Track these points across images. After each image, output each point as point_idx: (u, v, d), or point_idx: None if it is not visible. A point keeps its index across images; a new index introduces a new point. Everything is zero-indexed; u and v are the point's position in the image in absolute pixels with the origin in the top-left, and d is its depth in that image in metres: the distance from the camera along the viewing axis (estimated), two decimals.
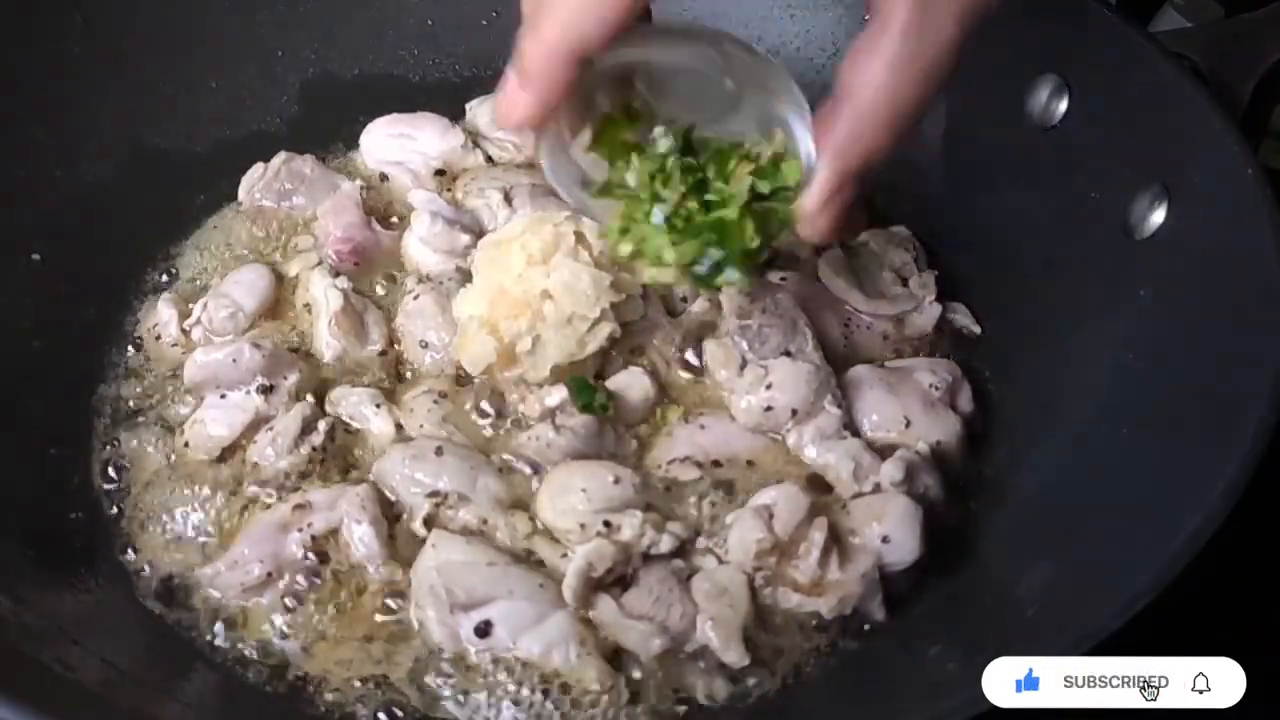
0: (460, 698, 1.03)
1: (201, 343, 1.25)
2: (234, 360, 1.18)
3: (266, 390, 1.19)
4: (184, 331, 1.26)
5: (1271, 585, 1.22)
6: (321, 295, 1.25)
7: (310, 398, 1.20)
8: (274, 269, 1.31)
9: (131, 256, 1.34)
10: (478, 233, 1.31)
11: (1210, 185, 1.15)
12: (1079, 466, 1.12)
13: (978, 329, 1.31)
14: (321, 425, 1.16)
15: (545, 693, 1.02)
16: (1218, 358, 1.06)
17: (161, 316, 1.28)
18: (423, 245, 1.31)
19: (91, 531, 1.15)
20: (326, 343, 1.24)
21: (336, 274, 1.28)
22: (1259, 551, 1.20)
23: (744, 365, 1.19)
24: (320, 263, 1.30)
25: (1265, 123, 1.40)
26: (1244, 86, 1.31)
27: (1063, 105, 1.30)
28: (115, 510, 1.16)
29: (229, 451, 1.17)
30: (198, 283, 1.34)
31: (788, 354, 1.19)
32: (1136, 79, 1.23)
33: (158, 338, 1.27)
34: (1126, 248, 1.21)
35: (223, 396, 1.19)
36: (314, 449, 1.15)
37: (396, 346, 1.26)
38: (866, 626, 1.07)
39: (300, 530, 1.09)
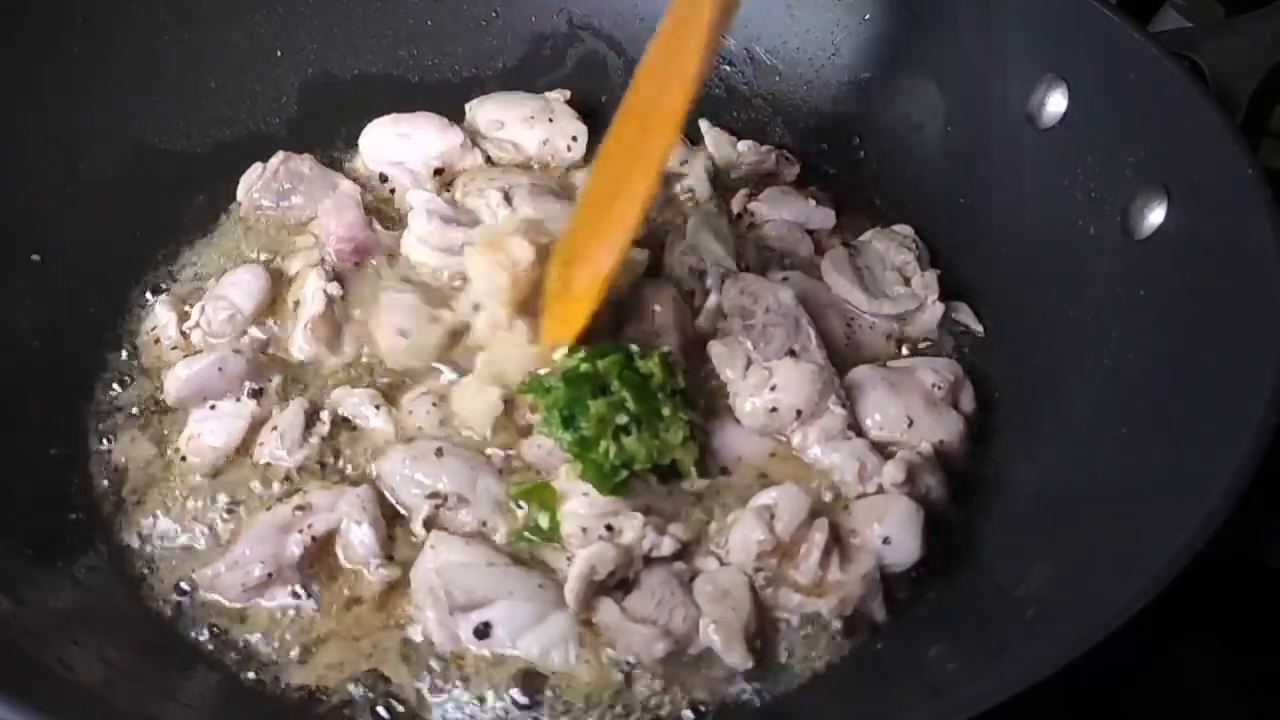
0: (457, 697, 1.03)
1: (201, 345, 1.25)
2: (220, 369, 1.18)
3: (257, 394, 1.19)
4: (183, 334, 1.26)
5: (1271, 585, 1.22)
6: (309, 296, 1.25)
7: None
8: (272, 268, 1.31)
9: (131, 256, 1.34)
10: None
11: (1210, 185, 1.15)
12: (1079, 466, 1.12)
13: (980, 328, 1.31)
14: (324, 415, 1.17)
15: (544, 693, 1.02)
16: (1217, 358, 1.06)
17: (160, 319, 1.28)
18: (421, 244, 1.31)
19: (91, 532, 1.15)
20: (299, 345, 1.24)
21: (335, 276, 1.27)
22: (1259, 551, 1.20)
23: (749, 365, 1.19)
24: (322, 260, 1.29)
25: (1265, 123, 1.40)
26: (1244, 86, 1.31)
27: (1063, 105, 1.30)
28: (115, 511, 1.16)
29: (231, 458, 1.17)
30: (198, 283, 1.33)
31: (792, 353, 1.19)
32: (1136, 79, 1.23)
33: (156, 340, 1.27)
34: (1126, 248, 1.21)
35: (212, 407, 1.18)
36: (323, 439, 1.16)
37: (364, 353, 1.25)
38: (868, 626, 1.07)
39: (300, 531, 1.09)
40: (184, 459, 1.17)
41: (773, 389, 1.15)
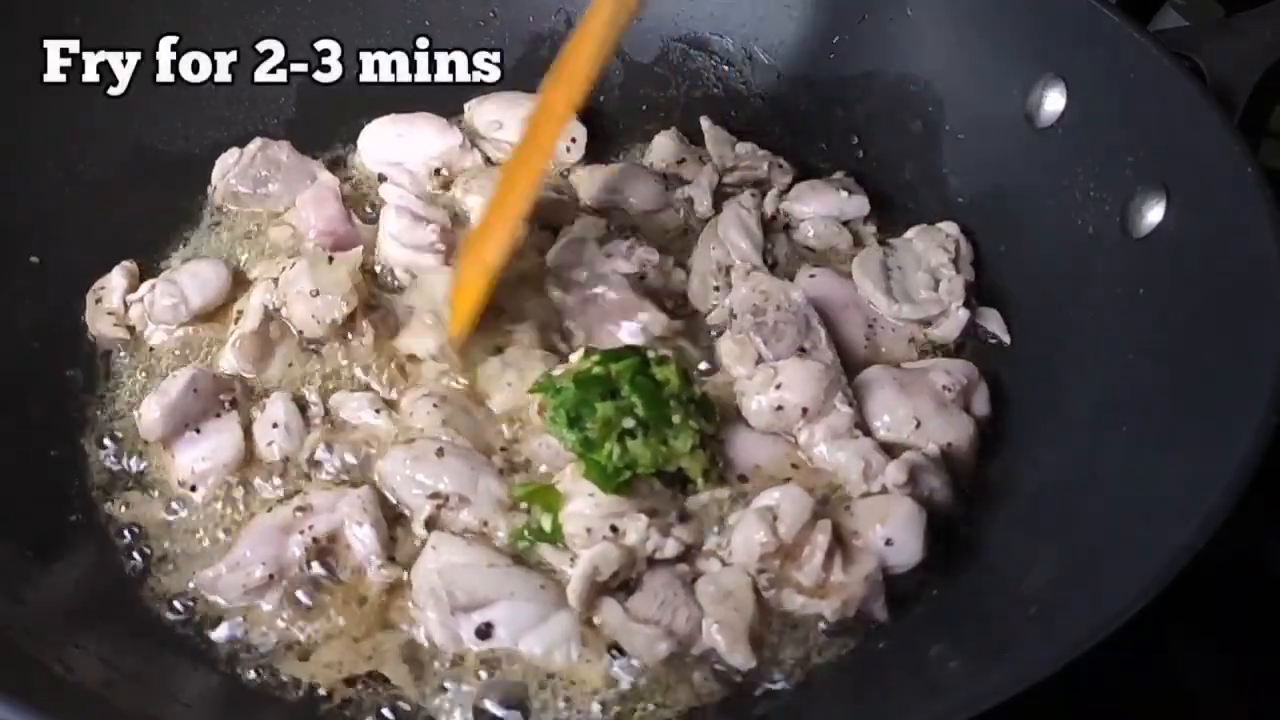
0: (459, 697, 1.03)
1: (137, 323, 1.25)
2: (195, 389, 1.15)
3: (235, 404, 1.18)
4: (125, 304, 1.25)
5: (1271, 585, 1.22)
6: (250, 309, 1.22)
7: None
8: (238, 268, 1.30)
9: (131, 257, 1.33)
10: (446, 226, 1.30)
11: (1210, 185, 1.15)
12: (1080, 466, 1.12)
13: (1008, 338, 1.29)
14: (312, 398, 1.17)
15: (546, 693, 1.02)
16: (1217, 358, 1.06)
17: (112, 281, 1.26)
18: (393, 240, 1.29)
19: (91, 533, 1.14)
20: (226, 356, 1.22)
21: None
22: (1259, 551, 1.20)
23: (759, 362, 1.19)
24: (282, 270, 1.24)
25: (1265, 123, 1.40)
26: (1243, 86, 1.31)
27: (1061, 104, 1.30)
28: (115, 512, 1.16)
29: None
30: None
31: (802, 350, 1.19)
32: (1136, 79, 1.23)
33: (98, 300, 1.27)
34: (1126, 247, 1.21)
35: (198, 431, 1.16)
36: (323, 420, 1.16)
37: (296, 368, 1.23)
38: (870, 626, 1.07)
39: (302, 532, 1.09)
40: (193, 489, 1.15)
41: (778, 387, 1.15)
